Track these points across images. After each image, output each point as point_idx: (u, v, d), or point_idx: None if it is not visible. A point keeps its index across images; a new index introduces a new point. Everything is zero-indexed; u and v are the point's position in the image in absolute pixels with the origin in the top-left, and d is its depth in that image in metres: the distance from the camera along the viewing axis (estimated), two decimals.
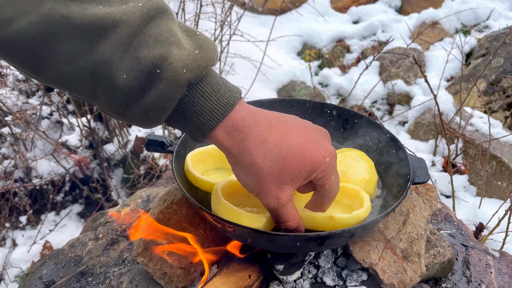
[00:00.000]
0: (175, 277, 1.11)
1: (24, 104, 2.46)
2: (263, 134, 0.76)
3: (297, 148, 0.78)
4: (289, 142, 0.77)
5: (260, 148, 0.76)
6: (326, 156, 0.80)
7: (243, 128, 0.75)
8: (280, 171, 0.77)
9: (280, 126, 0.79)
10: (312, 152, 0.78)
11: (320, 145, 0.80)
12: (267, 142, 0.76)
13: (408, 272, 1.09)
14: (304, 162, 0.78)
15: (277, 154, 0.76)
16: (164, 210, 1.16)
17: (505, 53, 3.12)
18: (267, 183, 0.78)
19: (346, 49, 3.94)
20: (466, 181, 2.52)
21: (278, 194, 0.79)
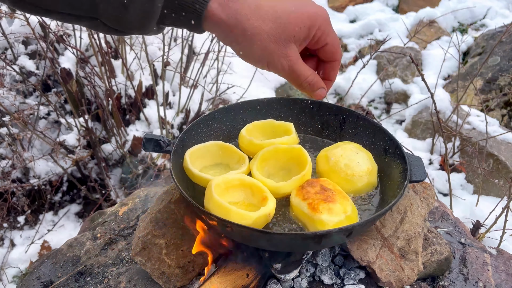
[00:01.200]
0: (173, 277, 1.11)
1: (21, 104, 2.46)
2: (257, 2, 0.78)
3: (292, 7, 0.80)
4: (283, 3, 0.80)
5: (256, 12, 0.78)
6: (321, 12, 0.82)
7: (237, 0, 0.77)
8: (281, 30, 0.79)
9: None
10: (306, 8, 0.81)
11: (313, 5, 0.83)
12: (262, 6, 0.78)
13: (406, 270, 1.09)
14: (301, 17, 0.80)
15: (274, 14, 0.78)
16: (162, 210, 1.17)
17: (502, 52, 3.13)
18: (272, 45, 0.80)
19: (343, 48, 3.94)
20: (463, 179, 2.53)
21: (287, 52, 0.81)
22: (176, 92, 2.89)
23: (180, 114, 2.79)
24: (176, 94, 2.86)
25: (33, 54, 2.58)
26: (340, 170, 1.15)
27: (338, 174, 1.16)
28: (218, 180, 1.04)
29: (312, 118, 1.40)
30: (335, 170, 1.16)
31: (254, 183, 1.08)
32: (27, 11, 0.73)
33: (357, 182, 1.15)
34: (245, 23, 0.78)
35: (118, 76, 2.64)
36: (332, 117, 1.38)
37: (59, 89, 2.62)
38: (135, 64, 2.78)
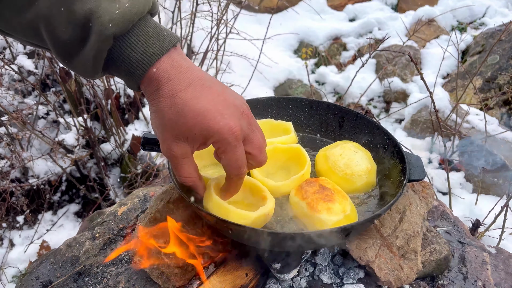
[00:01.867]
0: (172, 276, 1.11)
1: (20, 103, 2.45)
2: (177, 88, 0.81)
3: (199, 112, 0.81)
4: (195, 104, 0.81)
5: (168, 100, 0.81)
6: (224, 130, 0.82)
7: (161, 79, 0.81)
8: (177, 126, 0.82)
9: (198, 88, 0.83)
10: (211, 121, 0.82)
11: (223, 118, 0.82)
12: (176, 97, 0.81)
13: (405, 269, 1.09)
14: (199, 126, 0.82)
15: (180, 110, 0.81)
16: (161, 209, 1.16)
17: (501, 50, 3.13)
18: (165, 132, 0.85)
19: (342, 47, 3.94)
20: (463, 178, 2.53)
21: (172, 145, 0.85)
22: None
23: None
24: None
25: (32, 53, 2.57)
26: (339, 169, 1.16)
27: (337, 174, 1.16)
28: (217, 179, 1.04)
29: (310, 117, 1.40)
30: (334, 170, 1.16)
31: (253, 183, 1.08)
32: None
33: (356, 182, 1.15)
34: (155, 103, 0.83)
35: None
36: (331, 116, 1.38)
37: (58, 88, 2.61)
38: None
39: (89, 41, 0.75)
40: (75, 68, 0.80)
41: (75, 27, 0.74)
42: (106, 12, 0.73)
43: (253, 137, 0.89)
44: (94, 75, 0.82)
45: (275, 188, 1.10)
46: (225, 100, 0.85)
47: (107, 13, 0.74)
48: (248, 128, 0.88)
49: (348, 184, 1.14)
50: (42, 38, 0.76)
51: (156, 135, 0.89)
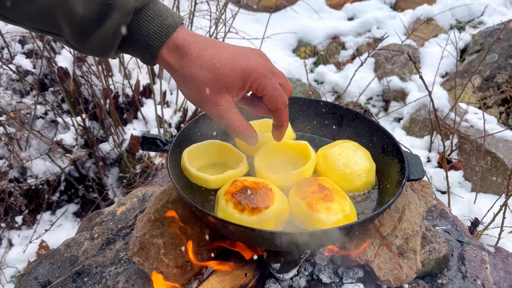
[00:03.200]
0: (171, 276, 1.10)
1: (18, 103, 2.45)
2: (200, 49, 0.87)
3: (228, 60, 0.88)
4: (221, 55, 0.88)
5: (196, 61, 0.87)
6: (256, 66, 0.89)
7: (183, 45, 0.87)
8: (215, 80, 0.87)
9: (215, 45, 0.90)
10: (242, 62, 0.88)
11: (251, 58, 0.90)
12: (202, 56, 0.87)
13: (404, 268, 1.09)
14: (235, 71, 0.87)
15: (211, 65, 0.87)
16: (160, 209, 1.16)
17: (500, 49, 3.13)
18: (205, 92, 0.88)
19: (341, 46, 3.94)
20: (461, 177, 2.53)
21: (217, 100, 0.89)
22: (173, 91, 2.88)
23: (178, 113, 2.78)
24: (173, 93, 2.85)
25: (30, 53, 2.57)
26: (338, 168, 1.16)
27: (336, 173, 1.16)
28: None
29: (309, 116, 1.40)
30: (334, 169, 1.16)
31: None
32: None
33: (356, 181, 1.15)
34: (185, 69, 0.88)
35: (116, 75, 2.63)
36: (329, 115, 1.38)
37: (56, 88, 2.61)
38: (132, 63, 2.77)
39: (109, 17, 0.77)
40: (90, 48, 0.82)
41: (93, 5, 0.76)
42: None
43: (276, 70, 0.96)
44: (108, 54, 0.85)
45: (272, 180, 1.11)
46: (242, 48, 0.93)
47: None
48: (270, 63, 0.95)
49: (347, 183, 1.14)
50: (55, 22, 0.77)
51: (194, 103, 0.93)
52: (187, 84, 0.89)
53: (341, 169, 1.15)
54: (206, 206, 1.12)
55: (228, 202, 1.00)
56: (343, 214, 1.00)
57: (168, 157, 1.11)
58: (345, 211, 1.00)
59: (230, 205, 0.99)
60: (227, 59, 0.88)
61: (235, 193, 1.01)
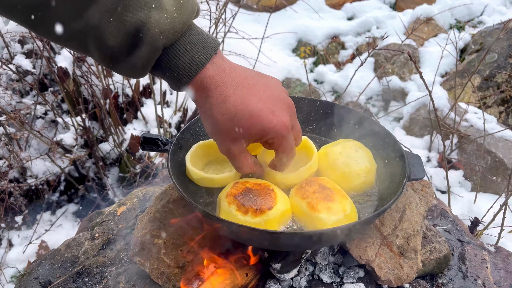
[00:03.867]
0: (172, 276, 1.10)
1: (18, 103, 2.45)
2: (226, 94, 0.86)
3: (252, 114, 0.87)
4: (246, 106, 0.87)
5: (220, 106, 0.86)
6: (278, 127, 0.89)
7: (210, 86, 0.86)
8: (233, 130, 0.88)
9: (245, 90, 0.88)
10: (264, 120, 0.88)
11: (275, 116, 0.89)
12: (227, 102, 0.86)
13: (405, 268, 1.09)
14: (255, 127, 0.88)
15: (233, 114, 0.86)
16: (161, 209, 1.16)
17: (499, 49, 3.13)
18: (222, 135, 0.91)
19: (341, 46, 3.94)
20: (461, 176, 2.53)
21: (230, 146, 0.92)
22: (173, 91, 2.88)
23: (178, 112, 2.78)
24: (173, 93, 2.85)
25: (30, 53, 2.56)
26: (338, 167, 1.16)
27: (335, 171, 1.16)
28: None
29: (309, 116, 1.40)
30: (333, 167, 1.17)
31: None
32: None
33: (354, 180, 1.15)
34: (208, 110, 0.88)
35: (115, 75, 2.63)
36: (329, 115, 1.38)
37: (56, 88, 2.61)
38: None
39: (139, 50, 0.77)
40: (119, 71, 0.83)
41: (125, 36, 0.75)
42: (156, 23, 0.76)
43: (296, 124, 0.98)
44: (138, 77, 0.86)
45: (283, 179, 1.11)
46: (271, 96, 0.90)
47: (158, 24, 0.76)
48: (293, 117, 0.96)
49: (345, 182, 1.14)
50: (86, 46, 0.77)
51: (211, 138, 0.96)
52: (208, 123, 0.91)
53: (340, 168, 1.16)
54: (208, 206, 1.12)
55: (231, 205, 1.00)
56: (344, 214, 1.00)
57: (169, 157, 1.11)
58: (346, 211, 1.00)
59: (233, 207, 0.99)
60: (252, 112, 0.87)
61: (237, 195, 1.01)
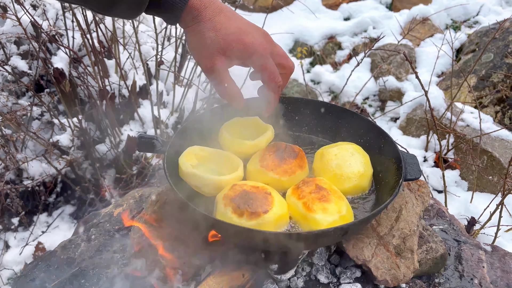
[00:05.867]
0: (169, 277, 1.10)
1: (14, 105, 2.43)
2: (212, 14, 0.98)
3: (235, 30, 0.99)
4: (230, 24, 0.99)
5: (208, 23, 0.97)
6: (256, 44, 0.99)
7: (199, 6, 0.97)
8: (218, 42, 0.98)
9: (228, 14, 1.00)
10: (246, 37, 0.99)
11: (254, 37, 1.00)
12: (214, 20, 0.98)
13: (401, 268, 1.09)
14: (238, 42, 0.98)
15: (219, 29, 0.97)
16: (157, 211, 1.16)
17: (495, 48, 3.14)
18: (204, 49, 0.99)
19: (337, 46, 3.94)
20: (458, 176, 2.53)
21: (214, 59, 0.99)
22: (170, 92, 2.88)
23: (175, 113, 2.78)
24: (170, 94, 2.84)
25: (26, 54, 2.55)
26: (330, 169, 1.16)
27: (328, 173, 1.17)
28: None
29: (306, 116, 1.40)
30: (326, 168, 1.17)
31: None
32: None
33: (345, 183, 1.15)
34: (196, 25, 0.98)
35: (112, 76, 2.62)
36: (326, 115, 1.38)
37: (52, 89, 2.60)
38: (129, 64, 2.76)
39: None
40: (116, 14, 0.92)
41: None
42: None
43: (276, 50, 1.06)
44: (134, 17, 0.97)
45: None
46: (249, 23, 1.04)
47: None
48: (271, 44, 1.05)
49: (337, 184, 1.15)
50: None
51: (194, 56, 1.05)
52: (196, 38, 1.00)
53: (332, 170, 1.16)
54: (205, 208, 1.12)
55: (227, 207, 1.00)
56: (339, 215, 1.00)
57: (165, 158, 1.11)
58: (341, 212, 1.00)
59: (229, 209, 0.99)
60: (234, 29, 0.98)
61: (233, 197, 1.01)
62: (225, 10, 1.01)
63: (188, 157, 1.15)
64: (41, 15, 2.53)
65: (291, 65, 1.10)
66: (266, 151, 1.18)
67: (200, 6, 0.97)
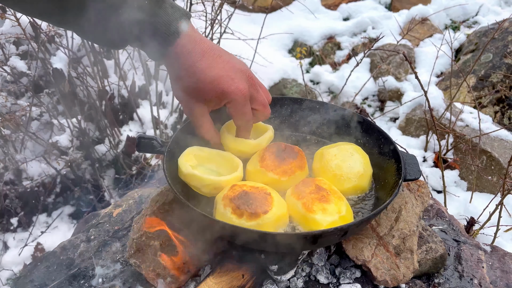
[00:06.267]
0: (168, 278, 1.10)
1: (13, 105, 2.43)
2: (194, 60, 0.99)
3: (214, 79, 0.99)
4: (210, 71, 0.99)
5: (187, 70, 0.99)
6: (235, 92, 1.01)
7: (181, 52, 0.99)
8: (195, 91, 1.01)
9: (210, 58, 1.01)
10: (224, 85, 1.00)
11: (234, 82, 1.01)
12: (194, 67, 0.99)
13: (401, 268, 1.09)
14: (214, 91, 1.00)
15: (198, 78, 0.99)
16: (157, 211, 1.16)
17: (494, 49, 3.14)
18: (186, 95, 1.03)
19: (336, 46, 3.94)
20: (457, 176, 2.54)
21: (193, 107, 1.04)
22: (169, 92, 2.88)
23: (174, 114, 2.78)
24: (169, 94, 2.84)
25: (25, 54, 2.55)
26: (330, 169, 1.16)
27: (327, 173, 1.16)
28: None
29: (306, 117, 1.40)
30: (326, 169, 1.17)
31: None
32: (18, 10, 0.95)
33: (344, 183, 1.15)
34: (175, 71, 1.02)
35: (111, 76, 2.62)
36: (326, 115, 1.38)
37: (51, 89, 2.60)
38: (128, 64, 2.76)
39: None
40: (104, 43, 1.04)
41: None
42: None
43: (257, 96, 1.08)
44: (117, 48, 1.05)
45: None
46: (233, 67, 1.02)
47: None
48: (253, 88, 1.06)
49: (336, 184, 1.15)
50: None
51: (178, 99, 1.07)
52: (174, 84, 1.05)
53: (332, 170, 1.16)
54: (204, 209, 1.12)
55: (227, 207, 1.00)
56: (339, 215, 1.00)
57: (165, 158, 1.11)
58: (341, 212, 1.00)
59: (228, 210, 0.99)
60: (212, 78, 0.99)
61: (233, 198, 1.01)
62: (208, 53, 1.01)
63: (188, 157, 1.15)
64: None
65: (266, 113, 1.13)
66: (266, 151, 1.18)
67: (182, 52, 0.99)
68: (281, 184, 1.14)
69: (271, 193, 1.04)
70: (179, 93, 1.05)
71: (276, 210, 1.00)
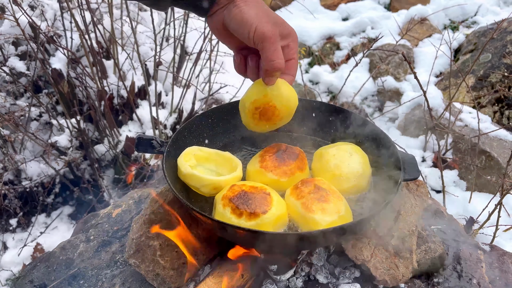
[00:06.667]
0: (167, 278, 1.10)
1: (12, 105, 2.43)
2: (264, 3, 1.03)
3: (278, 17, 1.05)
4: (265, 10, 1.04)
5: (244, 6, 1.01)
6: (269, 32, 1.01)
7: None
8: (267, 14, 1.03)
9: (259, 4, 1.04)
10: (288, 24, 1.07)
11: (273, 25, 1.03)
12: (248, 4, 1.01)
13: (400, 268, 1.09)
14: (285, 25, 1.06)
15: (259, 8, 1.02)
16: (156, 211, 1.16)
17: (493, 49, 3.15)
18: (275, 29, 1.02)
19: (336, 46, 3.94)
20: (456, 176, 2.54)
21: (274, 28, 1.02)
22: (168, 92, 2.88)
23: (173, 114, 2.78)
24: (168, 94, 2.84)
25: (24, 55, 2.55)
26: (329, 169, 1.16)
27: (326, 173, 1.16)
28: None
29: (305, 117, 1.40)
30: (325, 169, 1.17)
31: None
32: None
33: (343, 183, 1.15)
34: (233, 9, 1.02)
35: (110, 77, 2.62)
36: (325, 116, 1.38)
37: (51, 90, 2.59)
38: (127, 64, 2.76)
39: None
40: None
41: None
42: None
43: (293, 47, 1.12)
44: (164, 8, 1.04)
45: None
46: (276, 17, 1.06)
47: None
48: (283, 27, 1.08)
49: (335, 184, 1.15)
50: None
51: (267, 34, 1.02)
52: (260, 18, 1.02)
53: (331, 170, 1.16)
54: (203, 208, 1.12)
55: (226, 207, 1.00)
56: (338, 215, 1.00)
57: (164, 159, 1.11)
58: (340, 212, 1.01)
59: (228, 210, 0.99)
60: (277, 17, 1.06)
61: (232, 198, 1.01)
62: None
63: (187, 157, 1.15)
64: (39, 15, 2.53)
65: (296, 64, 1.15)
66: (266, 152, 1.18)
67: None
68: (281, 185, 1.14)
69: (271, 193, 1.04)
70: (267, 26, 1.02)
71: (276, 210, 1.00)
